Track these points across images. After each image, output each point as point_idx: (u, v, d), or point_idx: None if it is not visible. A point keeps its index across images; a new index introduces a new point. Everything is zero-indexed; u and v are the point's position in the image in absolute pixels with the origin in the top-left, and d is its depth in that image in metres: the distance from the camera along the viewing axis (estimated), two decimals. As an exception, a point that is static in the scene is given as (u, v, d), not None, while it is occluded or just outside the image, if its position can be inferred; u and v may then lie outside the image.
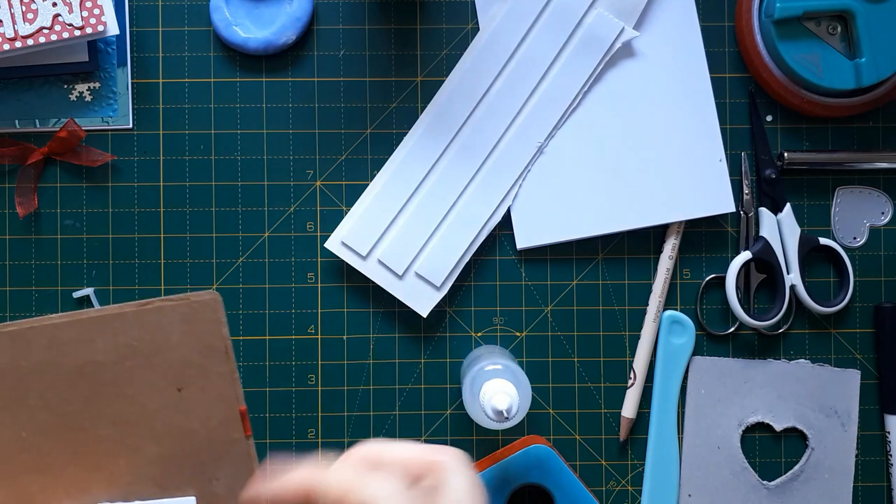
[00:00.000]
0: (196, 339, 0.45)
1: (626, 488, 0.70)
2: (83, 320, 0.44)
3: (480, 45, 0.69)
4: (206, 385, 0.45)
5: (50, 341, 0.44)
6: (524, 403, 0.60)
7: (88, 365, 0.44)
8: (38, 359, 0.44)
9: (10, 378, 0.44)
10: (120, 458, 0.45)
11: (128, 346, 0.44)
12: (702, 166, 0.69)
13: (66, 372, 0.44)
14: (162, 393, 0.45)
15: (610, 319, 0.70)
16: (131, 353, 0.45)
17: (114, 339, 0.44)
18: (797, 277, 0.69)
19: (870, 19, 0.65)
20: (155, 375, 0.45)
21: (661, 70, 0.69)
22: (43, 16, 0.64)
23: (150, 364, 0.44)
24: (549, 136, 0.69)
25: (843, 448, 0.70)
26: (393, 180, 0.69)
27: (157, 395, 0.44)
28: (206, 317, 0.45)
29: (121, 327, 0.44)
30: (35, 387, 0.44)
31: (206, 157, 0.70)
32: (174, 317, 0.45)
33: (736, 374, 0.70)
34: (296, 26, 0.69)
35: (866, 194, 0.71)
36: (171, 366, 0.45)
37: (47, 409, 0.44)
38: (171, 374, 0.45)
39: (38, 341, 0.44)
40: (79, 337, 0.44)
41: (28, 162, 0.68)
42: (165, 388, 0.45)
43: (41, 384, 0.44)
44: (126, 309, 0.44)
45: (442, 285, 0.68)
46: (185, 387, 0.45)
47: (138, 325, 0.45)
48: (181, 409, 0.45)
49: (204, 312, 0.45)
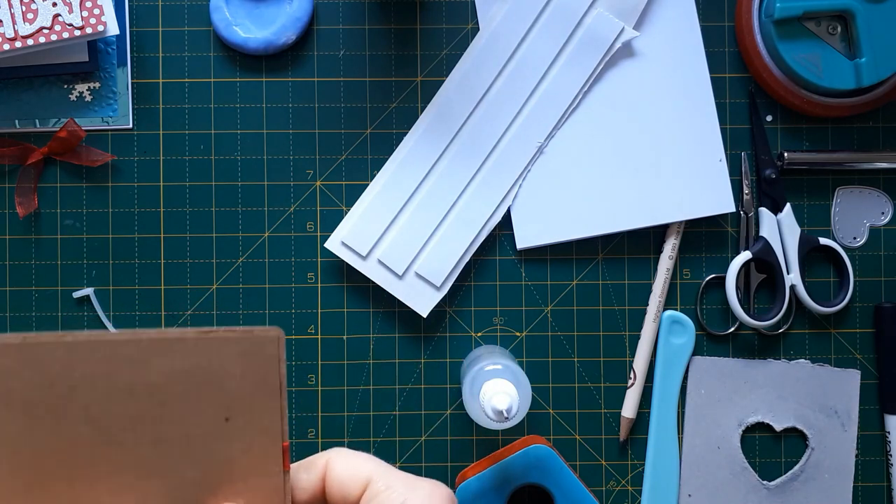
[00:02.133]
0: (252, 373, 0.44)
1: (626, 488, 0.70)
2: (143, 340, 0.43)
3: (480, 45, 0.69)
4: (254, 418, 0.44)
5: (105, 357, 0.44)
6: (524, 403, 0.60)
7: (140, 385, 0.44)
8: (91, 371, 0.44)
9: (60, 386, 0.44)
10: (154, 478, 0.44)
11: (183, 372, 0.44)
12: (702, 166, 0.69)
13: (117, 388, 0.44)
14: (209, 420, 0.44)
15: (610, 319, 0.70)
16: (185, 379, 0.44)
17: (170, 362, 0.44)
18: (797, 277, 0.69)
19: (870, 19, 0.65)
20: (205, 402, 0.44)
21: (661, 70, 0.69)
22: (43, 16, 0.64)
23: (201, 391, 0.44)
24: (549, 136, 0.69)
25: (843, 448, 0.70)
26: (393, 180, 0.69)
27: (203, 421, 0.44)
28: (266, 352, 0.44)
29: (179, 352, 0.44)
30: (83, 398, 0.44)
31: (206, 157, 0.70)
32: (234, 349, 0.44)
33: (736, 374, 0.70)
34: (296, 26, 0.69)
35: (866, 194, 0.71)
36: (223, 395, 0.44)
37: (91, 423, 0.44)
38: (220, 403, 0.44)
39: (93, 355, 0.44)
40: (136, 356, 0.44)
41: (28, 162, 0.68)
42: (213, 415, 0.44)
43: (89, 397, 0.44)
44: (187, 335, 0.43)
45: (442, 285, 0.68)
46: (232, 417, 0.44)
47: (197, 353, 0.44)
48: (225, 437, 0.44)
49: (265, 347, 0.44)
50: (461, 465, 0.70)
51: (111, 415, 0.44)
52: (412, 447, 0.70)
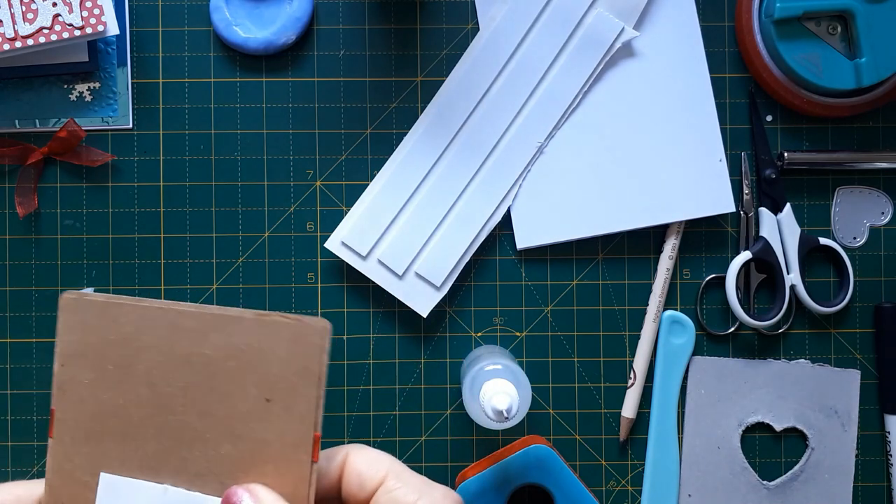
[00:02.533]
0: (297, 359, 0.47)
1: (626, 488, 0.70)
2: (205, 314, 0.47)
3: (480, 45, 0.69)
4: (293, 403, 0.47)
5: (172, 325, 0.47)
6: (524, 403, 0.60)
7: (197, 355, 0.47)
8: (156, 337, 0.47)
9: (128, 348, 0.47)
10: (196, 448, 0.47)
11: (237, 348, 0.47)
12: (702, 166, 0.69)
13: (176, 356, 0.47)
14: (252, 399, 0.47)
15: (610, 319, 0.70)
16: (237, 355, 0.47)
17: (227, 338, 0.47)
18: (797, 277, 0.69)
19: (870, 19, 0.65)
20: (251, 381, 0.47)
21: (661, 70, 0.69)
22: (43, 16, 0.64)
23: (250, 370, 0.47)
24: (549, 136, 0.69)
25: (843, 448, 0.70)
26: (393, 180, 0.69)
27: (247, 399, 0.47)
28: (312, 341, 0.47)
29: (236, 330, 0.47)
30: (145, 362, 0.47)
31: (206, 157, 0.70)
32: (285, 333, 0.47)
33: (736, 374, 0.70)
34: (296, 26, 0.69)
35: (866, 194, 0.71)
36: (268, 377, 0.47)
37: (149, 385, 0.47)
38: (265, 384, 0.47)
39: (162, 322, 0.47)
40: (197, 328, 0.47)
41: (28, 162, 0.68)
42: (257, 395, 0.47)
43: (151, 361, 0.47)
44: (245, 315, 0.46)
45: (442, 285, 0.68)
46: (273, 399, 0.47)
47: (252, 332, 0.47)
48: (264, 418, 0.47)
49: (312, 336, 0.47)
50: (461, 465, 0.70)
51: (168, 381, 0.47)
52: (412, 447, 0.70)
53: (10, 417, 0.69)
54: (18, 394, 0.69)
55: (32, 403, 0.69)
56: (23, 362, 0.69)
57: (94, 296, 0.47)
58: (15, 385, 0.69)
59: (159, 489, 0.48)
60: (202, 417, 0.47)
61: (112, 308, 0.48)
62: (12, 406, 0.69)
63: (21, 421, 0.69)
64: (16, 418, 0.69)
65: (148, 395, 0.47)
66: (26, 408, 0.69)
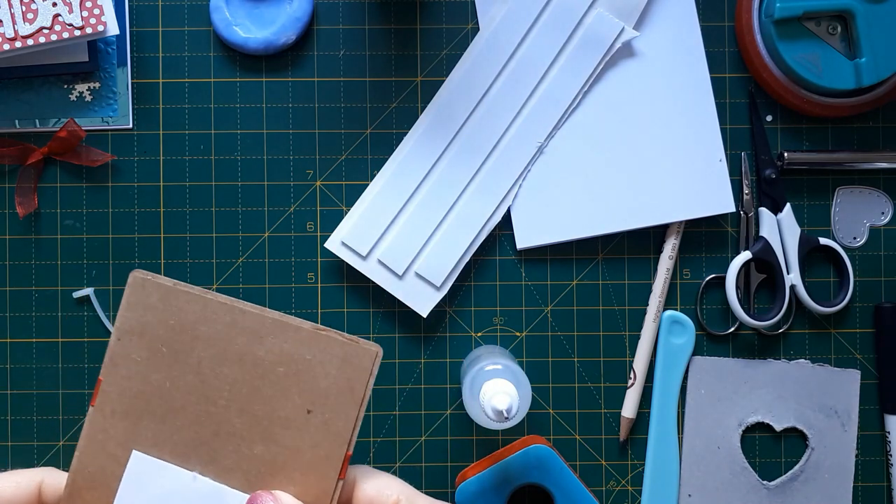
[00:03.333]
0: (344, 378, 0.48)
1: (626, 488, 0.70)
2: (266, 318, 0.48)
3: (480, 45, 0.69)
4: (332, 419, 0.48)
5: (231, 322, 0.49)
6: (524, 403, 0.60)
7: (250, 356, 0.49)
8: (214, 330, 0.49)
9: (185, 335, 0.49)
10: (230, 443, 0.49)
11: (289, 356, 0.48)
12: (702, 166, 0.69)
13: (230, 352, 0.49)
14: (294, 407, 0.48)
15: (610, 319, 0.70)
16: (288, 363, 0.48)
17: (281, 344, 0.48)
18: (797, 277, 0.69)
19: (870, 19, 0.65)
20: (296, 390, 0.48)
21: (661, 70, 0.69)
22: (43, 16, 0.64)
23: (297, 379, 0.48)
24: (549, 136, 0.69)
25: (843, 448, 0.70)
26: (393, 180, 0.69)
27: (289, 406, 0.48)
28: (362, 364, 0.48)
29: (292, 338, 0.48)
30: (199, 352, 0.49)
31: (206, 157, 0.70)
32: (338, 351, 0.48)
33: (736, 374, 0.70)
34: (296, 26, 0.69)
35: (866, 194, 0.71)
36: (313, 389, 0.48)
37: (198, 375, 0.49)
38: (308, 396, 0.48)
39: (223, 317, 0.49)
40: (255, 329, 0.49)
41: (28, 162, 0.68)
42: (299, 405, 0.48)
43: (205, 352, 0.49)
44: (304, 325, 0.48)
45: (442, 285, 0.68)
46: (314, 411, 0.48)
47: (306, 343, 0.48)
48: (301, 427, 0.48)
49: (363, 360, 0.48)
50: (461, 465, 0.70)
51: (217, 374, 0.49)
52: (412, 447, 0.70)
53: (10, 417, 0.69)
54: (18, 394, 0.69)
55: (32, 403, 0.69)
56: (23, 362, 0.69)
57: (163, 279, 0.49)
58: (15, 385, 0.69)
59: (188, 476, 0.49)
60: (242, 415, 0.49)
61: (177, 294, 0.49)
62: (12, 406, 0.69)
63: (21, 421, 0.69)
64: (16, 418, 0.69)
65: (194, 384, 0.49)
66: (26, 408, 0.69)
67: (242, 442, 0.49)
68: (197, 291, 0.49)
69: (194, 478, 0.49)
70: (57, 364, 0.69)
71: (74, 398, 0.69)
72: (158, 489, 0.49)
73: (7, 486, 0.46)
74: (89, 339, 0.69)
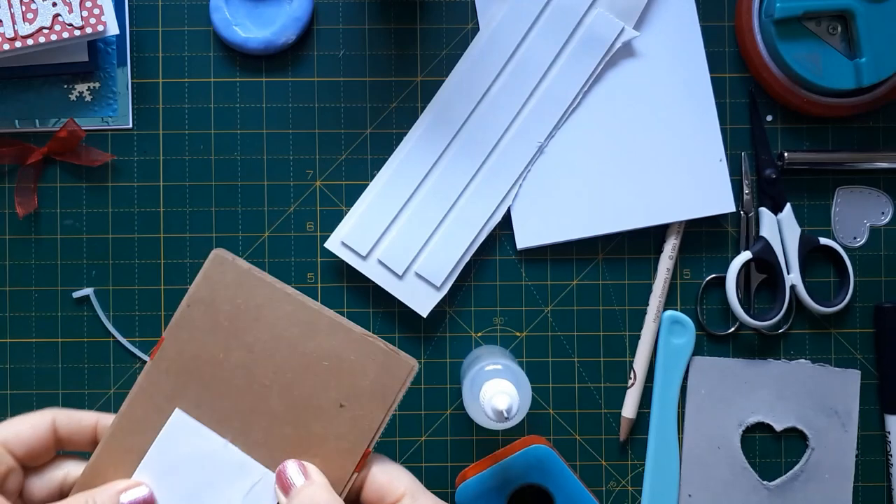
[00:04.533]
0: (380, 383, 0.53)
1: (626, 488, 0.70)
2: (323, 315, 0.53)
3: (480, 45, 0.69)
4: (361, 417, 0.53)
5: (292, 312, 0.54)
6: (524, 403, 0.60)
7: (300, 346, 0.53)
8: (274, 316, 0.53)
9: (248, 315, 0.54)
10: (264, 419, 0.53)
11: (335, 353, 0.53)
12: (702, 166, 0.69)
13: (283, 339, 0.53)
14: (329, 400, 0.53)
15: (610, 319, 0.70)
16: (332, 359, 0.53)
17: (330, 341, 0.53)
18: (797, 277, 0.69)
19: (870, 19, 0.65)
20: (334, 385, 0.53)
21: (661, 70, 0.69)
22: (43, 16, 0.64)
23: (338, 375, 0.53)
24: (549, 136, 0.69)
25: (843, 448, 0.70)
26: (393, 180, 0.69)
27: (325, 398, 0.53)
28: (397, 374, 0.53)
29: (342, 338, 0.53)
30: (256, 333, 0.54)
31: (206, 157, 0.70)
32: (379, 358, 0.53)
33: (736, 374, 0.70)
34: (296, 26, 0.69)
35: (866, 194, 0.71)
36: (350, 387, 0.53)
37: (250, 353, 0.53)
38: (344, 392, 0.53)
39: (285, 307, 0.54)
40: (310, 323, 0.53)
41: (28, 162, 0.68)
42: (334, 398, 0.53)
43: (261, 334, 0.54)
44: (354, 329, 0.53)
45: (442, 285, 0.68)
46: (346, 407, 0.53)
47: (353, 345, 0.53)
48: (331, 419, 0.53)
49: (399, 370, 0.53)
50: (461, 465, 0.70)
51: (267, 356, 0.54)
52: (412, 447, 0.70)
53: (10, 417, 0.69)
54: (18, 394, 0.69)
55: (32, 403, 0.69)
56: (23, 362, 0.69)
57: (241, 262, 0.54)
58: (15, 385, 0.69)
59: (221, 442, 0.54)
60: (281, 397, 0.54)
61: (250, 278, 0.54)
62: (12, 406, 0.69)
63: (21, 421, 0.69)
64: (16, 418, 0.69)
65: (245, 361, 0.54)
66: (26, 408, 0.69)
67: (275, 421, 0.53)
68: (268, 279, 0.54)
69: (225, 445, 0.54)
70: (57, 364, 0.69)
71: (74, 398, 0.69)
72: (190, 448, 0.54)
73: (23, 428, 0.48)
74: (89, 339, 0.69)
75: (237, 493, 0.54)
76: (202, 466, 0.54)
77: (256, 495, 0.53)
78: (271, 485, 0.53)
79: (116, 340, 0.69)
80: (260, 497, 0.53)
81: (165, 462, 0.54)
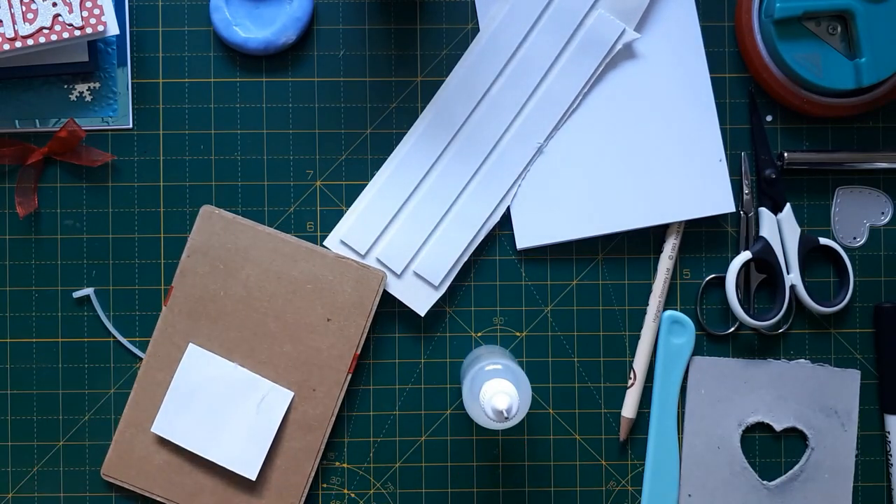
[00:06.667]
0: (357, 295, 0.65)
1: (626, 488, 0.70)
2: (301, 247, 0.65)
3: (480, 46, 0.69)
4: (345, 327, 0.65)
5: (274, 248, 0.66)
6: (524, 403, 0.60)
7: (285, 275, 0.65)
8: (261, 254, 0.65)
9: (238, 256, 0.66)
10: (265, 342, 0.65)
11: (315, 276, 0.65)
12: (702, 166, 0.69)
13: (271, 272, 0.65)
14: (317, 316, 0.65)
15: (610, 319, 0.70)
16: (314, 281, 0.65)
17: (310, 266, 0.65)
18: (797, 277, 0.69)
19: (870, 19, 0.65)
20: (319, 303, 0.65)
21: (662, 70, 0.69)
22: (43, 16, 0.64)
23: (321, 294, 0.65)
24: (548, 136, 0.69)
25: (843, 448, 0.70)
26: (392, 179, 0.69)
27: (313, 315, 0.65)
28: (371, 285, 0.65)
29: (318, 262, 0.65)
30: (248, 270, 0.65)
31: (206, 157, 0.70)
32: (353, 273, 0.65)
33: (736, 374, 0.70)
34: (296, 26, 0.69)
35: (866, 194, 0.71)
36: (333, 303, 0.65)
37: (245, 288, 0.65)
38: (329, 308, 0.65)
39: (267, 244, 0.65)
40: (291, 254, 0.65)
41: (28, 162, 0.68)
42: (321, 314, 0.65)
43: (252, 270, 0.65)
44: (328, 254, 0.65)
45: (440, 285, 0.68)
46: (332, 320, 0.65)
47: (329, 267, 0.65)
48: (322, 332, 0.65)
49: (372, 281, 0.65)
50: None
51: (259, 287, 0.65)
52: (412, 447, 0.70)
53: (10, 417, 0.69)
54: (18, 394, 0.69)
55: (32, 403, 0.69)
56: (23, 362, 0.69)
57: (226, 213, 0.66)
58: (15, 385, 0.69)
59: (230, 366, 0.65)
60: (276, 320, 0.65)
61: (235, 225, 0.66)
62: (12, 406, 0.69)
63: (21, 421, 0.69)
64: (16, 418, 0.69)
65: (241, 295, 0.65)
66: (26, 408, 0.69)
67: (275, 341, 0.65)
68: (250, 224, 0.66)
69: (235, 368, 0.65)
70: (57, 364, 0.69)
71: (74, 398, 0.69)
72: (206, 374, 0.65)
73: None
74: (89, 339, 0.69)
75: (251, 405, 0.65)
76: (218, 388, 0.65)
77: (268, 405, 0.65)
78: (279, 395, 0.65)
79: (116, 340, 0.69)
80: (271, 406, 0.65)
81: (187, 388, 0.65)
